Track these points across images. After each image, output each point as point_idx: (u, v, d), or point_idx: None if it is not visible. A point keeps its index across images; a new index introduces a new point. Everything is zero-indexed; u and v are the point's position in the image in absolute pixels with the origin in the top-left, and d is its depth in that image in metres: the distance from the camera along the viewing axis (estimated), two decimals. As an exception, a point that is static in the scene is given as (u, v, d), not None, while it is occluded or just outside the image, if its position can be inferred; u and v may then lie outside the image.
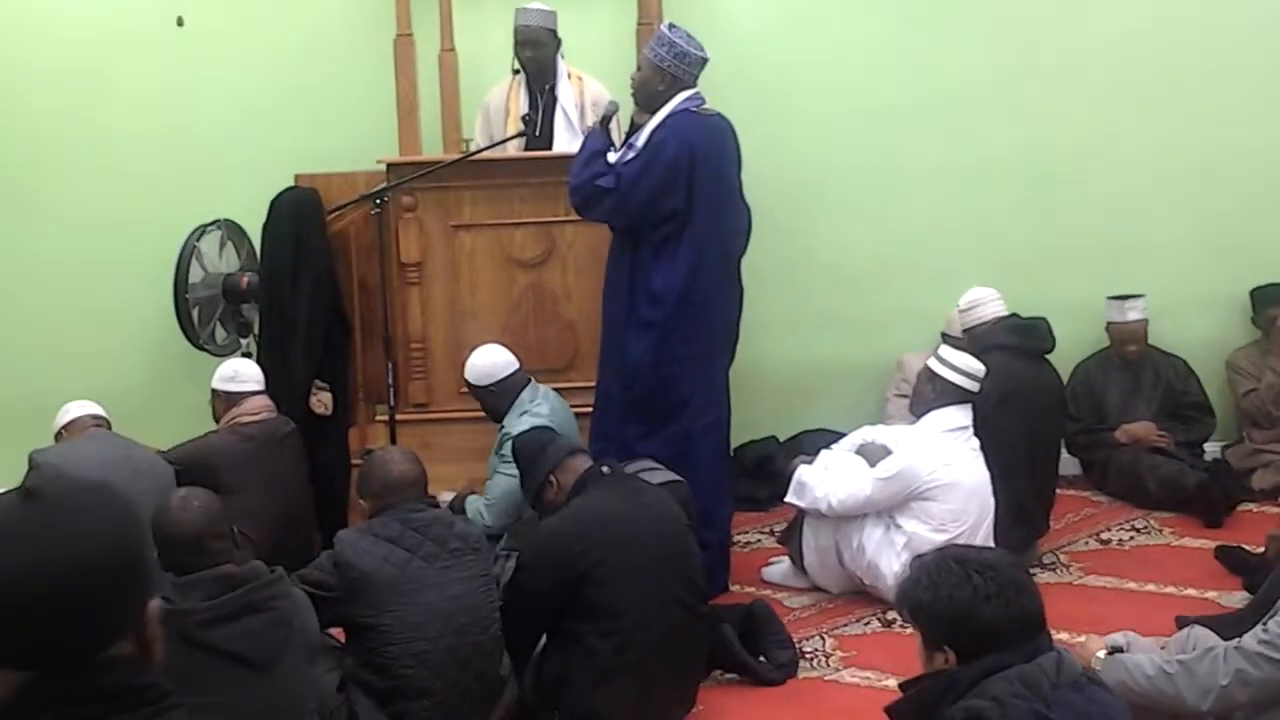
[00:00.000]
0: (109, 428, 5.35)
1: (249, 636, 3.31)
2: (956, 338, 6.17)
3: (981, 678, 2.55)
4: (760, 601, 5.04)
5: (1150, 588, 5.48)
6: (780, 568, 5.68)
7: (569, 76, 6.30)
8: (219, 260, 6.43)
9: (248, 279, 6.27)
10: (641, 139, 5.25)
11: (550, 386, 5.57)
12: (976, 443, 5.35)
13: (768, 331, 6.58)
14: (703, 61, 5.30)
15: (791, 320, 6.91)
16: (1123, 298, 6.79)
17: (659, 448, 5.20)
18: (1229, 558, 5.53)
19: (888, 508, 5.30)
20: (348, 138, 6.53)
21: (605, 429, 5.40)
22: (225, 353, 6.28)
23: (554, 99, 6.27)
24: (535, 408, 5.33)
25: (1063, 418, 6.17)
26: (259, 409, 5.37)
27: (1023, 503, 5.58)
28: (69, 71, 6.88)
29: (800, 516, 5.52)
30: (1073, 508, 6.44)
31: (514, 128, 6.17)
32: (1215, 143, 6.92)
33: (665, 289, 5.22)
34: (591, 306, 5.72)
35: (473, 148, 6.22)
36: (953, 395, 5.36)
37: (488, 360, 5.47)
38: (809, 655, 4.90)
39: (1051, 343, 5.89)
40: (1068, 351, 6.34)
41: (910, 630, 2.78)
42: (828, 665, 4.85)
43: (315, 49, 6.84)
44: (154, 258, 6.38)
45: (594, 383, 5.58)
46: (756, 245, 5.64)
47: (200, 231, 6.33)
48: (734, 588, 5.51)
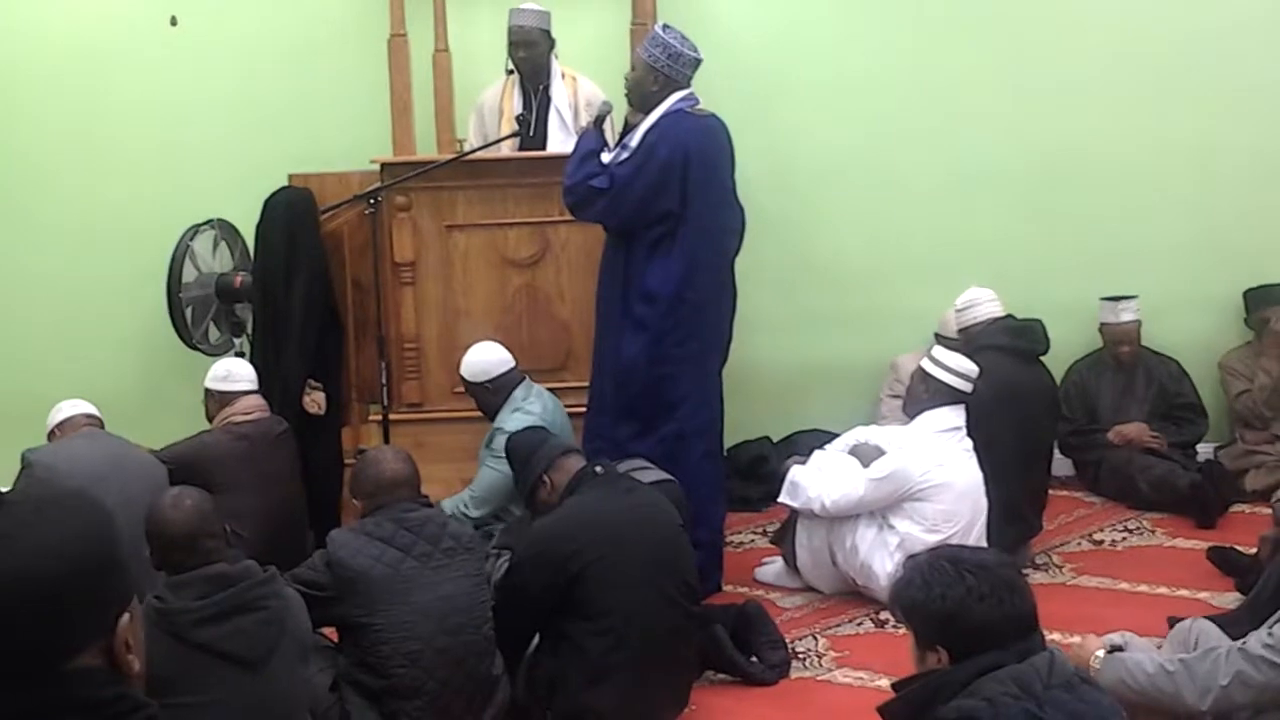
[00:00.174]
0: (102, 427, 5.34)
1: (241, 635, 3.31)
2: (950, 338, 6.17)
3: (974, 678, 2.55)
4: (753, 602, 5.04)
5: (1143, 588, 5.48)
6: (773, 568, 5.68)
7: (563, 77, 6.30)
8: (213, 260, 6.43)
9: (241, 278, 6.28)
10: (635, 139, 5.25)
11: (544, 387, 5.58)
12: (969, 443, 5.35)
13: (761, 332, 6.58)
14: (696, 62, 5.30)
15: (785, 321, 6.92)
16: (1116, 299, 6.80)
17: (652, 448, 5.20)
18: (1221, 559, 5.54)
19: (881, 508, 5.30)
20: (341, 137, 6.54)
21: (598, 429, 5.40)
22: (219, 352, 6.28)
23: (548, 99, 6.27)
24: (528, 405, 5.35)
25: (1055, 419, 6.16)
26: (252, 408, 5.37)
27: (1015, 503, 5.58)
28: (62, 71, 6.87)
29: (793, 517, 5.52)
30: (1065, 508, 6.45)
31: (508, 128, 6.17)
32: (1209, 145, 6.92)
33: (659, 289, 5.22)
34: (585, 307, 5.73)
35: (466, 148, 6.22)
36: (946, 396, 5.36)
37: (484, 358, 5.48)
38: (801, 655, 4.90)
39: (1045, 344, 5.89)
40: (1061, 352, 6.34)
41: (903, 630, 2.78)
42: (820, 665, 4.85)
43: (309, 49, 6.84)
44: (148, 257, 6.38)
45: (587, 383, 5.57)
46: (750, 245, 5.64)
47: (194, 231, 6.34)
48: (727, 588, 5.51)
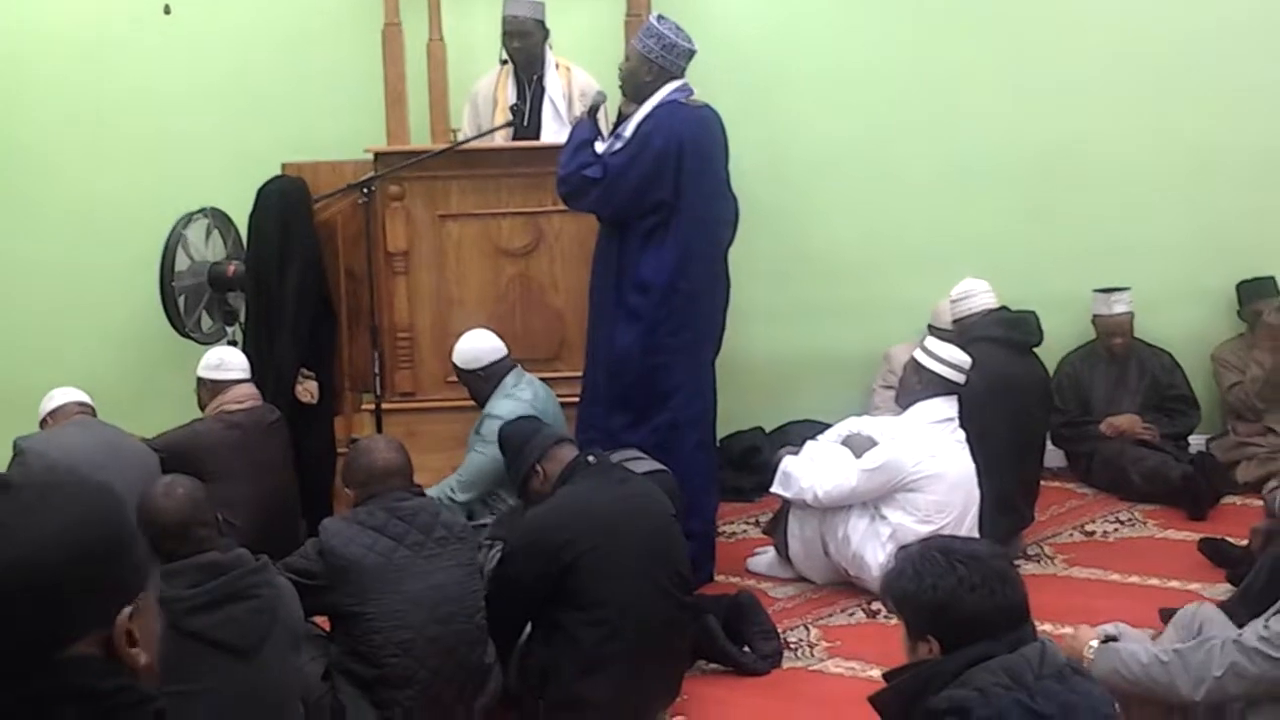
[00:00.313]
0: (94, 415, 5.34)
1: (233, 624, 3.31)
2: (943, 329, 6.17)
3: (965, 668, 2.56)
4: (745, 592, 5.05)
5: (1134, 580, 5.49)
6: (765, 558, 5.69)
7: (557, 67, 6.29)
8: (205, 248, 6.42)
9: (234, 267, 6.26)
10: (629, 129, 5.25)
11: (537, 376, 5.58)
12: (962, 434, 5.36)
13: (754, 322, 6.58)
14: (690, 53, 5.29)
15: (778, 311, 6.92)
16: (1109, 290, 6.80)
17: (645, 438, 5.20)
18: (1213, 550, 5.54)
19: (873, 499, 5.30)
20: (335, 126, 6.53)
21: (592, 419, 5.40)
22: (211, 341, 6.26)
23: (542, 89, 6.26)
24: (518, 392, 5.35)
25: (1048, 410, 6.17)
26: (244, 397, 5.36)
27: (1008, 494, 5.58)
28: (55, 59, 6.86)
29: (785, 507, 5.53)
30: (1057, 500, 6.45)
31: (502, 118, 6.16)
32: (1204, 137, 6.92)
33: (652, 279, 5.21)
34: (578, 296, 5.72)
35: (460, 137, 6.22)
36: (938, 387, 5.37)
37: (476, 345, 5.49)
38: (794, 645, 4.90)
39: (1039, 336, 5.90)
40: (1054, 344, 6.34)
41: (895, 621, 2.78)
42: (812, 655, 4.86)
43: (303, 37, 6.83)
44: (140, 245, 6.37)
45: (580, 373, 5.58)
46: (744, 236, 5.64)
47: (187, 219, 6.33)
48: (719, 578, 5.52)
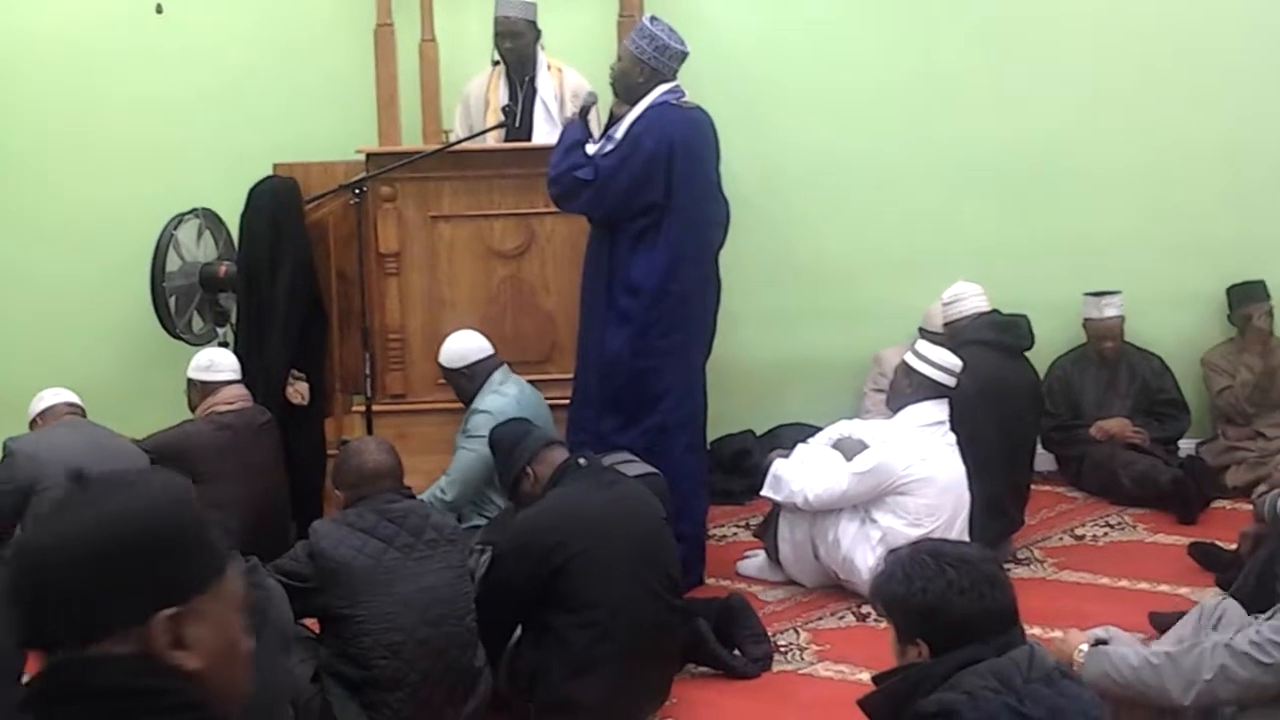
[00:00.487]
0: (84, 415, 5.34)
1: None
2: (934, 332, 6.18)
3: (954, 671, 2.56)
4: (736, 595, 5.04)
5: (1124, 583, 5.49)
6: (755, 561, 5.69)
7: (549, 68, 6.29)
8: (196, 249, 6.42)
9: (225, 268, 6.26)
10: (620, 131, 5.24)
11: (528, 378, 5.60)
12: (953, 438, 5.36)
13: (745, 325, 6.58)
14: (683, 55, 5.29)
15: (769, 314, 6.92)
16: (1099, 294, 6.80)
17: (635, 440, 5.20)
18: (1202, 554, 5.54)
19: (863, 502, 5.30)
20: (327, 127, 6.52)
21: (582, 421, 5.40)
22: (202, 342, 6.26)
23: (534, 90, 6.26)
24: (503, 388, 5.42)
25: (1039, 414, 6.17)
26: (235, 398, 5.36)
27: (998, 498, 5.59)
28: (47, 60, 6.85)
29: (776, 510, 5.52)
30: (1047, 503, 6.45)
31: (494, 119, 6.16)
32: (1194, 139, 6.93)
33: (643, 281, 5.21)
34: (570, 298, 5.72)
35: (452, 138, 6.22)
36: (929, 390, 5.37)
37: (461, 344, 5.54)
38: (783, 649, 4.90)
39: (1030, 340, 5.90)
40: (1045, 347, 6.34)
41: (884, 624, 2.78)
42: (802, 659, 4.85)
43: (295, 38, 6.82)
44: (131, 246, 6.37)
45: (571, 375, 5.57)
46: (735, 239, 5.63)
47: (178, 220, 6.33)
48: (709, 581, 5.51)
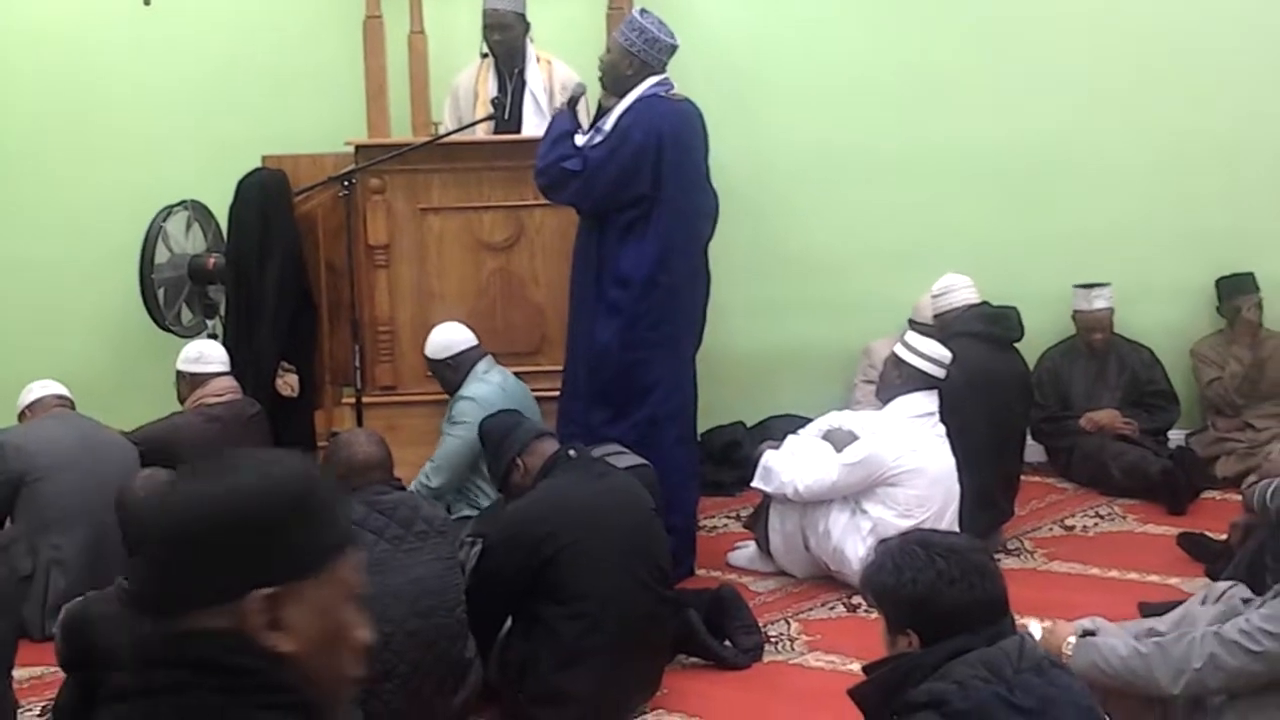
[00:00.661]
0: (73, 408, 5.34)
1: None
2: (924, 324, 6.18)
3: (944, 661, 2.56)
4: (727, 586, 5.05)
5: (1113, 574, 5.50)
6: (746, 552, 5.69)
7: (538, 60, 6.28)
8: (185, 241, 6.40)
9: (214, 260, 6.25)
10: (609, 123, 5.23)
11: (517, 371, 5.61)
12: (943, 429, 5.36)
13: (735, 316, 6.57)
14: (672, 48, 5.28)
15: (759, 305, 6.91)
16: (1089, 286, 6.81)
17: (625, 432, 5.19)
18: (1192, 545, 5.56)
19: (853, 493, 5.31)
20: (316, 119, 6.50)
21: (572, 414, 5.39)
22: (191, 334, 6.25)
23: (523, 83, 6.25)
24: (488, 377, 5.45)
25: (1028, 405, 6.17)
26: (224, 390, 5.36)
27: (988, 489, 5.59)
28: (34, 52, 6.81)
29: (766, 501, 5.53)
30: (1037, 494, 6.46)
31: (483, 111, 6.15)
32: (1183, 132, 6.92)
33: (632, 273, 5.20)
34: (559, 291, 5.71)
35: (441, 131, 6.20)
36: (919, 381, 5.37)
37: (446, 335, 5.57)
38: (774, 639, 4.91)
39: (1020, 332, 5.90)
40: (1034, 339, 6.34)
41: (875, 614, 2.79)
42: (793, 649, 4.86)
43: (284, 31, 6.80)
44: (120, 238, 6.35)
45: (561, 367, 5.57)
46: (724, 231, 5.64)
47: (167, 212, 6.31)
48: (700, 572, 5.51)
